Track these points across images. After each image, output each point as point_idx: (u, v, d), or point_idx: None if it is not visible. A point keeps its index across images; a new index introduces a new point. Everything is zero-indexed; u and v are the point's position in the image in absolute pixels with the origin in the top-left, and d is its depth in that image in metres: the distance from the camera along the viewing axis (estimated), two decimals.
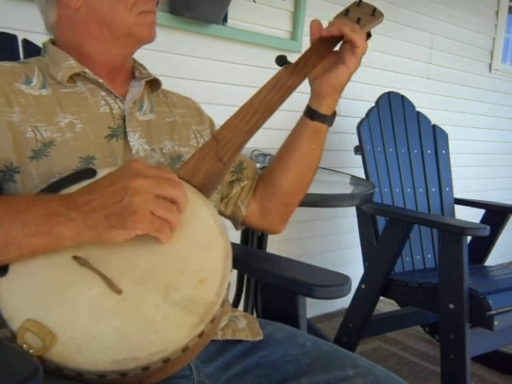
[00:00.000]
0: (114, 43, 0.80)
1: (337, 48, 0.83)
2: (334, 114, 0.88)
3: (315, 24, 0.83)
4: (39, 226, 0.56)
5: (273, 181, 0.93)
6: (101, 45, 0.80)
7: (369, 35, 0.85)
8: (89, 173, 0.66)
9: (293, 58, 0.81)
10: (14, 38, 1.17)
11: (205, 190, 0.70)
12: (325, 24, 0.83)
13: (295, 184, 0.92)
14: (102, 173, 0.64)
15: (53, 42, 0.84)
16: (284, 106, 0.81)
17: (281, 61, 0.80)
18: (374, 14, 0.85)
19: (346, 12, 0.85)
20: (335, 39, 0.82)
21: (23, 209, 0.58)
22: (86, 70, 0.79)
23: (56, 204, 0.58)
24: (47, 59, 0.81)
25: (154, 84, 0.89)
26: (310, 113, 0.87)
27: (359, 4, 0.86)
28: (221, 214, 0.97)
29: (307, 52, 0.82)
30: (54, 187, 0.65)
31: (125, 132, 0.80)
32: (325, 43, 0.81)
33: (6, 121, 0.73)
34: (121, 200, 0.57)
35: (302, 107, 0.89)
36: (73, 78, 0.79)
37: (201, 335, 0.56)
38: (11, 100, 0.74)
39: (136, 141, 0.81)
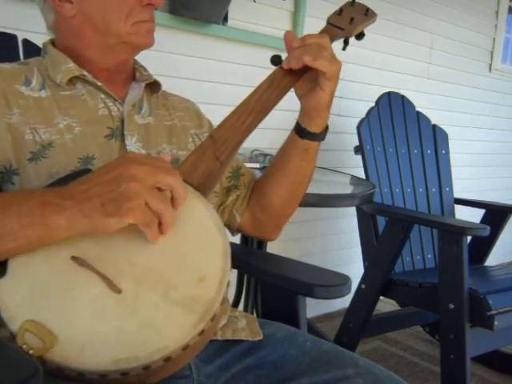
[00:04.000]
0: (110, 51, 0.80)
1: None
2: (326, 128, 0.85)
3: (289, 37, 0.78)
4: (35, 216, 0.56)
5: (264, 195, 0.93)
6: (97, 52, 0.80)
7: (362, 35, 0.86)
8: (86, 173, 0.65)
9: None
10: (13, 37, 1.17)
11: (202, 189, 0.70)
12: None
13: (287, 199, 0.92)
14: None
15: (53, 42, 0.83)
16: (283, 105, 0.81)
17: (275, 60, 0.80)
18: (367, 14, 0.86)
19: (340, 12, 0.86)
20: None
21: (19, 201, 0.58)
22: (85, 73, 0.79)
23: (50, 195, 0.58)
24: (47, 61, 0.81)
25: (154, 86, 0.89)
26: (300, 131, 0.85)
27: (352, 4, 0.87)
28: None
29: None
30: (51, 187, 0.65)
31: (122, 135, 0.80)
32: None
33: (5, 122, 0.73)
34: (117, 187, 0.56)
35: None
36: (72, 80, 0.79)
37: (201, 333, 0.56)
38: (11, 102, 0.74)
39: (133, 144, 0.80)
